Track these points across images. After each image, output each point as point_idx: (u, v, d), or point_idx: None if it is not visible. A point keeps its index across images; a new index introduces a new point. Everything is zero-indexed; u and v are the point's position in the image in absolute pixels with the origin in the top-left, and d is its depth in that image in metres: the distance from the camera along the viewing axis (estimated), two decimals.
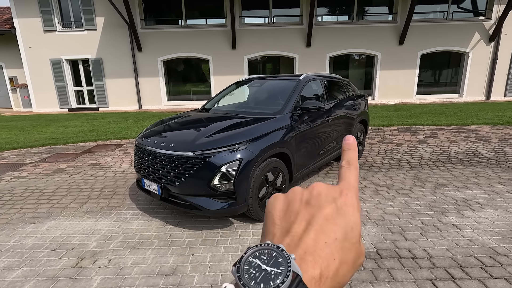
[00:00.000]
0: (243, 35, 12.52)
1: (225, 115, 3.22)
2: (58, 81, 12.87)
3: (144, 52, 12.62)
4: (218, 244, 2.45)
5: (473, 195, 3.26)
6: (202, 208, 2.42)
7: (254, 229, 2.67)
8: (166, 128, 2.92)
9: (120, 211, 3.14)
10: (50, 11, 12.22)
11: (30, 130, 8.11)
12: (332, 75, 4.29)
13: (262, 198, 2.70)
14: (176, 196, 2.55)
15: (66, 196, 3.58)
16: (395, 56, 12.69)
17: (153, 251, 2.37)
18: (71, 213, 3.12)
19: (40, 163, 5.04)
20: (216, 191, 2.40)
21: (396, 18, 12.52)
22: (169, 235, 2.61)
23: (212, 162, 2.36)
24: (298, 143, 3.07)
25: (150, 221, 2.89)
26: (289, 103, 3.11)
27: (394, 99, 13.09)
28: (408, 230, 2.56)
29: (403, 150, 5.24)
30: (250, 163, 2.45)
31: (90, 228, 2.78)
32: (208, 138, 2.50)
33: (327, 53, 12.72)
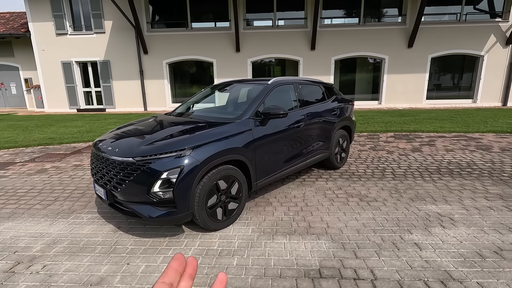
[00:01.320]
0: (247, 38, 12.49)
1: (184, 120, 3.15)
2: (68, 82, 13.33)
3: (150, 55, 12.84)
4: (159, 253, 2.37)
5: (449, 210, 3.01)
6: (142, 215, 2.35)
7: (202, 238, 2.57)
8: (120, 132, 2.88)
9: (80, 214, 3.13)
10: (62, 15, 12.69)
11: (33, 129, 8.39)
12: (310, 79, 4.13)
13: (212, 206, 2.60)
14: (120, 202, 2.50)
15: (36, 197, 3.62)
16: (404, 59, 12.25)
17: (91, 258, 2.32)
18: (32, 214, 3.14)
19: (28, 163, 5.17)
20: (155, 198, 2.32)
21: (405, 20, 12.10)
22: (114, 241, 2.56)
23: (152, 169, 2.29)
24: (258, 150, 2.95)
25: (103, 226, 2.85)
26: (250, 108, 3.00)
27: (402, 104, 12.63)
28: (363, 247, 2.38)
29: (392, 158, 4.98)
30: (193, 170, 2.36)
31: (42, 231, 2.77)
32: (152, 144, 2.43)
33: (332, 56, 12.46)
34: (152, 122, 3.13)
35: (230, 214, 2.77)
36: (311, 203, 3.28)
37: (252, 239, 2.55)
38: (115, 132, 2.93)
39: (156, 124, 3.02)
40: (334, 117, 4.18)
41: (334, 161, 4.32)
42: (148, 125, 3.02)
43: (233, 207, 2.79)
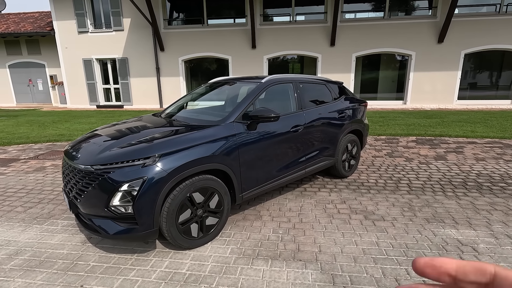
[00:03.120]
0: (263, 34, 12.09)
1: (163, 122, 2.85)
2: (89, 79, 13.67)
3: (166, 52, 12.82)
4: (120, 274, 2.09)
5: (473, 237, 2.49)
6: (101, 231, 2.08)
7: (172, 258, 2.27)
8: (92, 136, 2.64)
9: (56, 220, 2.94)
10: (83, 14, 12.99)
11: (48, 125, 8.58)
12: (313, 77, 3.69)
13: (185, 222, 2.28)
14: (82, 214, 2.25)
15: (22, 198, 3.50)
16: (433, 55, 11.27)
17: (46, 275, 2.09)
18: (9, 218, 3.00)
19: (30, 160, 5.16)
20: (115, 213, 2.04)
21: (435, 13, 11.11)
22: (78, 256, 2.32)
23: (111, 179, 2.01)
24: (244, 158, 2.59)
25: (75, 235, 2.63)
26: (236, 111, 2.64)
27: (430, 104, 11.66)
28: (357, 283, 1.95)
29: (410, 167, 4.41)
30: (158, 182, 2.05)
31: (11, 238, 2.60)
32: (115, 150, 2.15)
33: (353, 53, 11.74)
34: (130, 124, 2.87)
35: (208, 230, 2.44)
36: (306, 219, 2.87)
37: (228, 263, 2.20)
38: (87, 135, 2.69)
39: (133, 126, 2.75)
40: (342, 119, 3.72)
41: (341, 169, 3.86)
42: (124, 127, 2.75)
43: (212, 223, 2.46)
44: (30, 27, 14.10)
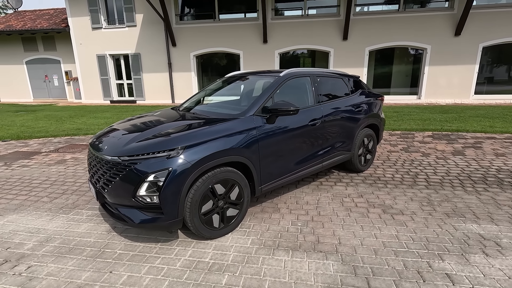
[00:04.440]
0: (275, 29, 12.01)
1: (184, 116, 2.90)
2: (102, 74, 13.90)
3: (178, 47, 12.91)
4: (146, 262, 2.16)
5: (495, 232, 2.46)
6: (127, 219, 2.16)
7: (195, 248, 2.33)
8: (114, 128, 2.71)
9: (81, 210, 3.05)
10: (97, 10, 13.17)
11: (65, 120, 8.80)
12: (331, 71, 3.68)
13: (208, 213, 2.34)
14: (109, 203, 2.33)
15: (47, 189, 3.64)
16: (449, 49, 10.99)
17: (76, 261, 2.18)
18: (37, 207, 3.12)
19: (51, 153, 5.33)
20: (142, 202, 2.11)
21: (452, 5, 10.80)
22: (105, 244, 2.41)
23: (138, 170, 2.07)
24: (264, 151, 2.62)
25: (100, 225, 2.73)
26: (255, 104, 2.67)
27: (446, 99, 11.41)
28: (379, 275, 1.97)
29: (428, 162, 4.36)
30: (183, 173, 2.10)
31: (40, 226, 2.72)
32: (140, 142, 2.21)
33: (366, 47, 11.56)
34: (149, 118, 2.94)
35: (228, 221, 2.49)
36: (324, 212, 2.90)
37: (249, 253, 2.25)
38: (110, 128, 2.77)
39: (153, 120, 2.81)
40: (359, 114, 3.70)
41: (357, 164, 3.85)
42: (144, 121, 2.82)
43: (233, 214, 2.51)
44: (46, 23, 14.40)
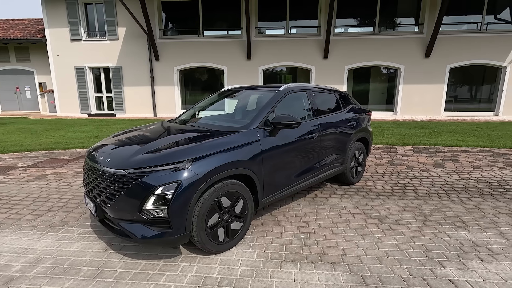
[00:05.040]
0: (259, 46, 12.35)
1: (186, 128, 2.89)
2: (80, 87, 13.45)
3: (161, 62, 12.85)
4: (150, 280, 2.07)
5: (486, 239, 2.61)
6: (132, 235, 2.07)
7: (200, 263, 2.26)
8: (115, 141, 2.63)
9: (71, 228, 2.87)
10: (77, 22, 12.90)
11: (41, 133, 8.35)
12: (324, 87, 3.84)
13: (213, 226, 2.29)
14: (110, 218, 2.23)
15: (29, 206, 3.40)
16: (420, 69, 11.82)
17: (74, 282, 2.04)
18: (21, 226, 2.90)
19: (29, 168, 5.01)
20: (148, 217, 2.04)
21: (422, 29, 11.73)
22: (103, 262, 2.28)
23: (145, 183, 2.01)
24: (267, 164, 2.64)
25: (94, 243, 2.58)
26: (258, 117, 2.72)
27: (419, 115, 12.13)
28: (388, 283, 2.01)
29: (413, 174, 4.58)
30: (192, 186, 2.07)
31: (27, 246, 2.52)
32: (146, 154, 2.16)
33: (345, 65, 12.15)
34: (151, 130, 2.89)
35: (233, 235, 2.46)
36: (324, 224, 2.93)
37: (257, 266, 2.22)
38: (110, 140, 2.68)
39: (156, 132, 2.77)
40: (350, 128, 3.85)
41: (350, 176, 3.97)
42: (146, 133, 2.77)
43: (237, 227, 2.48)
44: (20, 33, 13.83)
